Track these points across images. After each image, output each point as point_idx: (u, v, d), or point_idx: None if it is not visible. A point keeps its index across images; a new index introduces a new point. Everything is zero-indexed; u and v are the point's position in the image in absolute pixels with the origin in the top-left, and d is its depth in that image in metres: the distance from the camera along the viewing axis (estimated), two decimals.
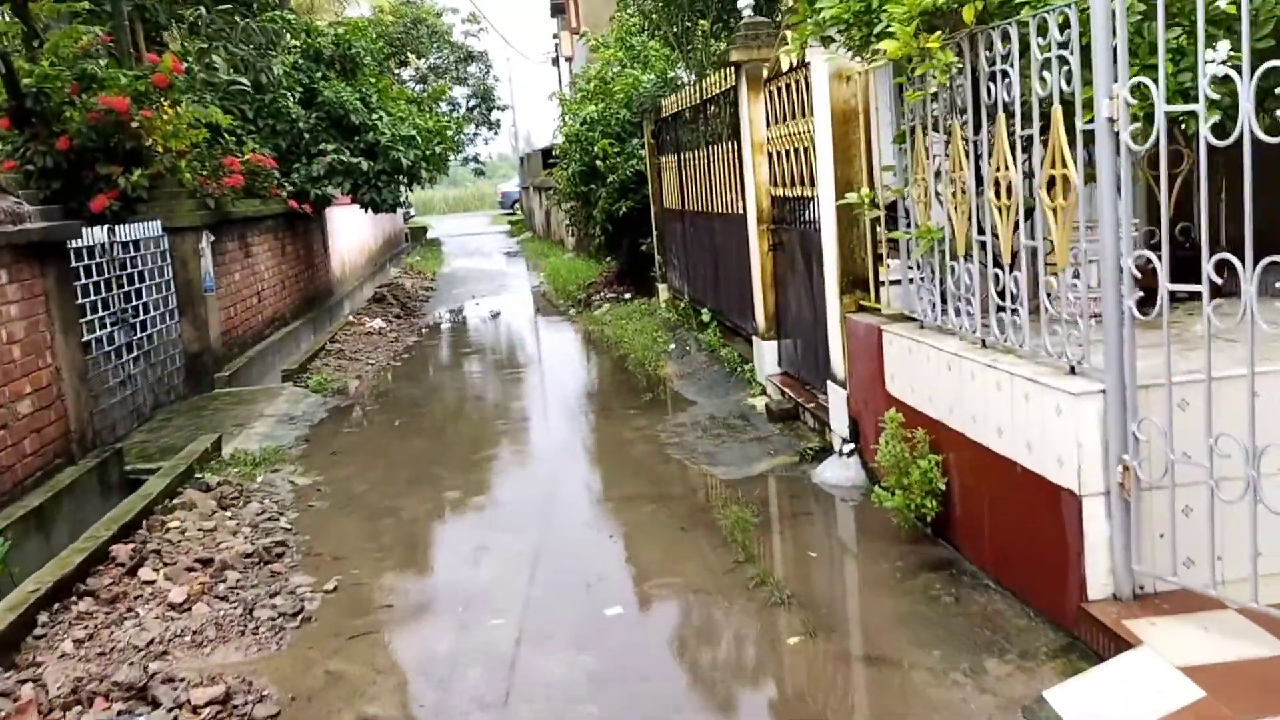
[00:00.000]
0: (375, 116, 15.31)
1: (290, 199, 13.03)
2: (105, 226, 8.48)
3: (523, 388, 10.11)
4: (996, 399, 4.15)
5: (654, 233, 13.39)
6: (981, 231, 4.45)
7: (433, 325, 15.19)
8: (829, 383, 6.33)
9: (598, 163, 13.99)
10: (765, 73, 7.63)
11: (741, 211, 8.69)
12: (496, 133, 39.18)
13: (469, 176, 71.04)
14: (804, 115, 6.80)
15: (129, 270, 8.83)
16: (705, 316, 10.60)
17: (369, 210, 15.48)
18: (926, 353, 4.79)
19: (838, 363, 6.16)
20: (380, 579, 5.02)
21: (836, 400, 6.19)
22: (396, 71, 28.44)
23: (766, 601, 4.35)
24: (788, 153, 7.28)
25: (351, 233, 19.20)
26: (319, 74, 15.35)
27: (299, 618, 4.56)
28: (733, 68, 8.29)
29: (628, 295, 15.67)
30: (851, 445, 5.93)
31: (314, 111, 14.94)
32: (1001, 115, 4.12)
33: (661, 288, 13.29)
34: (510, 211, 49.04)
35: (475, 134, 37.10)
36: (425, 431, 8.25)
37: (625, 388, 9.30)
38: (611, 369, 10.33)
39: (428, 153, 15.84)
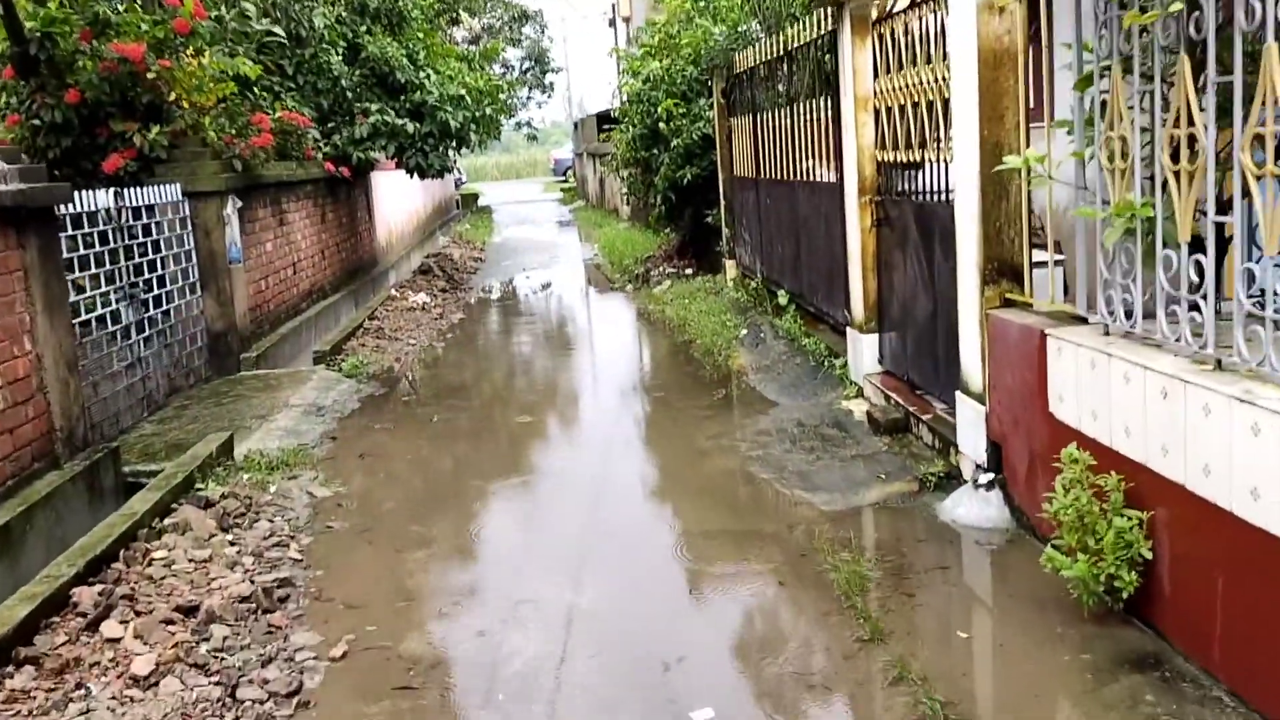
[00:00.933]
0: (423, 75, 14.24)
1: (329, 162, 12.04)
2: (111, 190, 7.51)
3: (575, 380, 9.01)
4: (1251, 448, 2.95)
5: (721, 203, 12.18)
6: (1222, 209, 3.22)
7: (480, 300, 14.16)
8: (958, 393, 5.14)
9: (661, 125, 12.78)
10: (874, 12, 6.38)
11: (835, 180, 7.47)
12: (550, 96, 38.00)
13: (521, 143, 70.04)
14: (929, 62, 5.56)
15: (141, 239, 7.87)
16: (782, 299, 9.41)
17: (415, 175, 14.46)
18: (1122, 371, 3.59)
19: (971, 369, 4.96)
20: (402, 642, 3.96)
21: (969, 416, 5.00)
22: (448, 31, 27.36)
23: (911, 710, 3.21)
24: (902, 108, 6.05)
25: (398, 199, 18.22)
26: (363, 28, 14.30)
27: (294, 700, 3.53)
28: (831, 8, 7.04)
29: (689, 271, 14.50)
30: (990, 476, 4.74)
31: (357, 69, 13.91)
32: (1274, 46, 2.89)
33: (729, 264, 12.09)
34: (563, 179, 47.96)
35: (528, 98, 35.94)
36: (465, 433, 7.19)
37: (694, 382, 8.16)
38: (676, 358, 9.19)
39: (478, 114, 14.73)
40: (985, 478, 4.76)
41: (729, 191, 11.97)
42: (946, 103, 5.28)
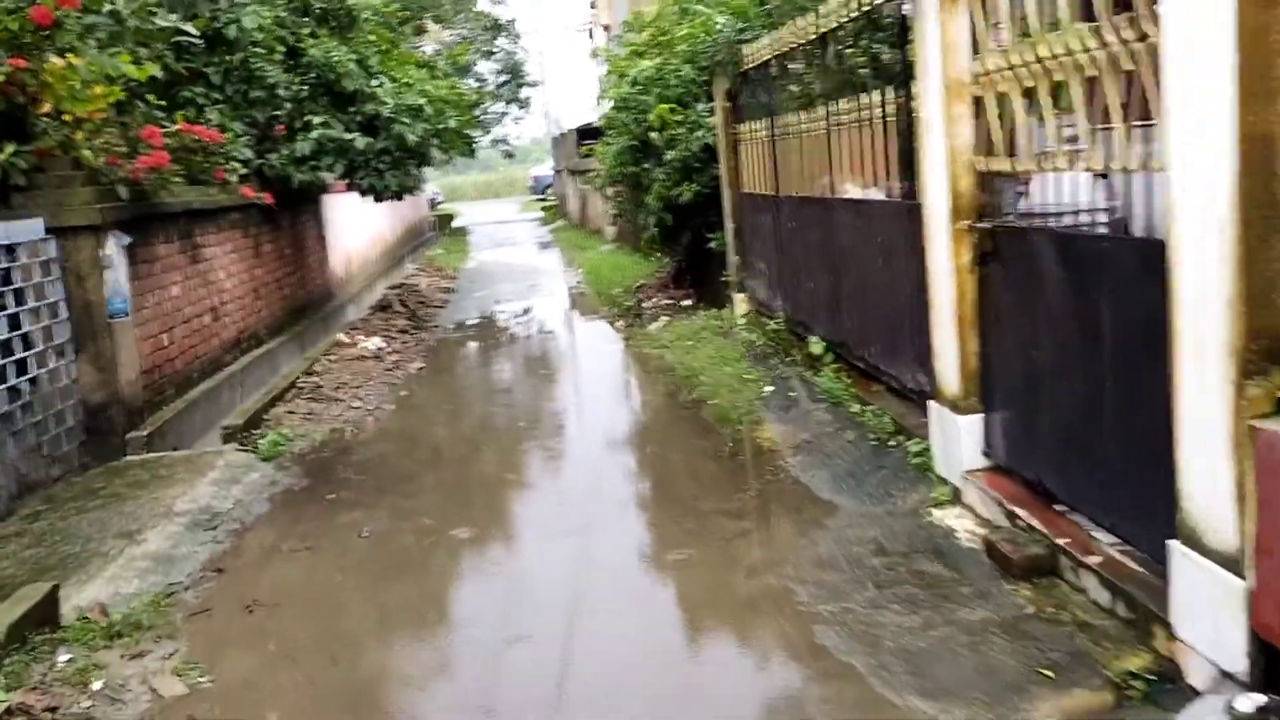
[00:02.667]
0: (375, 83, 12.28)
1: (246, 187, 10.03)
2: None
3: (555, 462, 6.95)
4: None
5: (727, 225, 10.25)
6: None
7: (445, 342, 12.13)
8: (1176, 548, 3.18)
9: (652, 135, 10.86)
10: None
11: (902, 198, 5.56)
12: (527, 112, 36.06)
13: (499, 161, 68.08)
14: (1087, 19, 3.64)
15: None
16: (816, 347, 7.47)
17: (370, 198, 12.48)
18: None
19: (1211, 512, 3.01)
20: None
21: (1206, 587, 3.04)
22: (413, 41, 25.44)
23: None
24: (1030, 92, 4.12)
25: (359, 224, 16.22)
26: (306, 30, 12.32)
27: None
28: None
29: (686, 303, 12.55)
30: (1262, 701, 2.80)
31: (299, 76, 11.95)
32: None
33: (738, 298, 10.15)
34: (542, 197, 46.03)
35: (504, 113, 34.01)
36: (400, 559, 5.14)
37: (715, 468, 6.15)
38: (687, 428, 7.17)
39: (440, 127, 12.75)
40: (1249, 702, 2.82)
41: (737, 212, 10.04)
42: (1130, 76, 3.36)
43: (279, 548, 5.39)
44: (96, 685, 3.83)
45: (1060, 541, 3.93)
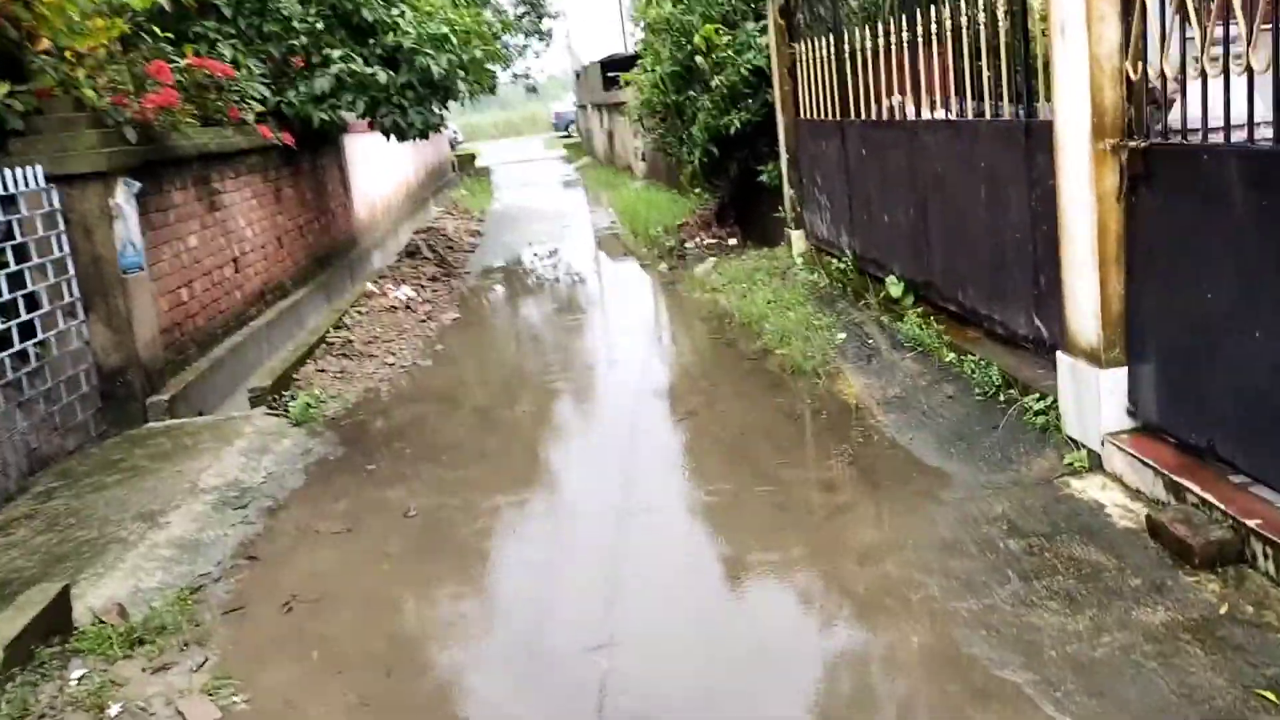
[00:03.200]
0: (395, 12, 11.47)
1: (263, 125, 9.36)
2: None
3: (618, 428, 6.12)
4: None
5: (782, 156, 9.46)
6: None
7: (477, 290, 11.47)
8: None
9: (697, 59, 10.03)
10: None
11: (1016, 117, 4.81)
12: (548, 45, 34.92)
13: (519, 98, 66.55)
14: None
15: None
16: (894, 289, 6.76)
17: (392, 138, 11.75)
18: None
19: None
20: None
21: None
22: None
23: None
24: None
25: (382, 165, 15.51)
26: None
27: None
28: None
29: (732, 241, 11.83)
30: None
31: (314, 6, 11.18)
32: None
33: (795, 235, 9.40)
34: (565, 134, 45.02)
35: (525, 46, 32.92)
36: (458, 547, 4.49)
37: (794, 428, 5.51)
38: (756, 382, 6.49)
39: (466, 58, 11.94)
40: None
41: (793, 141, 9.24)
42: None
43: (316, 529, 4.81)
44: (114, 710, 3.28)
45: (1251, 523, 3.27)
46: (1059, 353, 4.48)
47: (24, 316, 5.77)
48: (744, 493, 4.67)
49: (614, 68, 28.94)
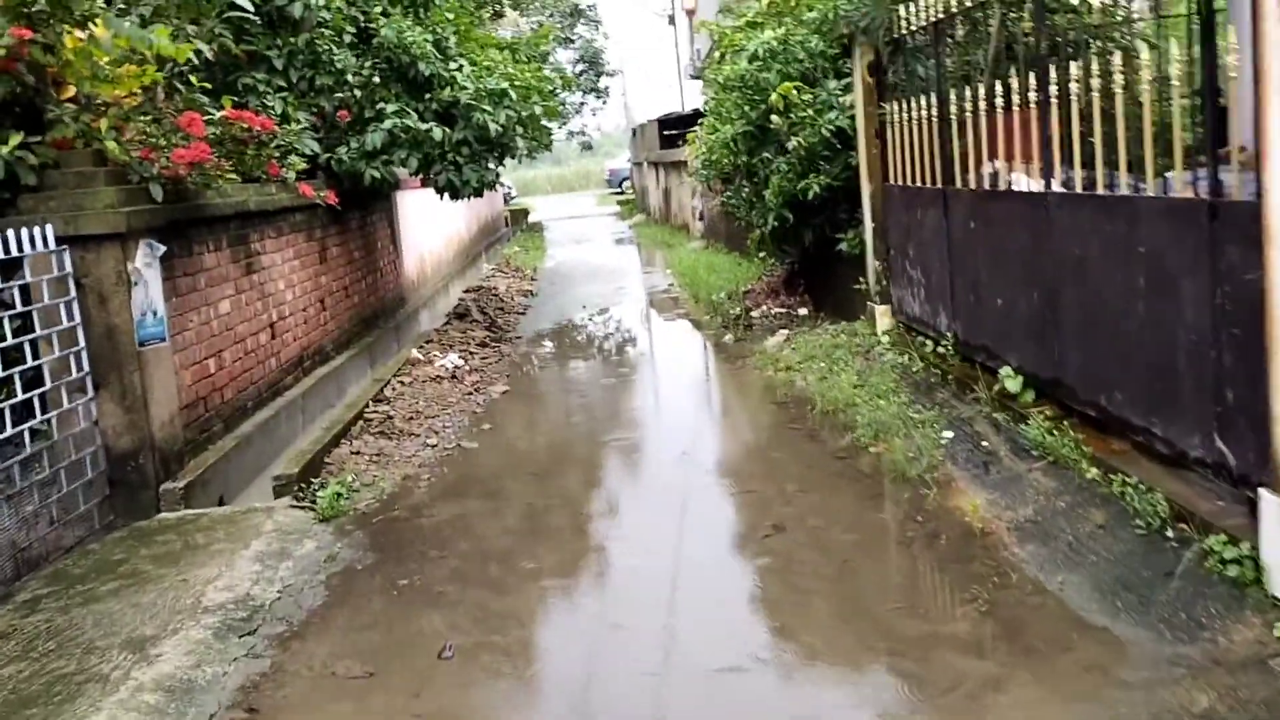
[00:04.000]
0: (453, 66, 10.95)
1: (323, 182, 8.82)
2: None
3: (694, 545, 5.13)
4: None
5: (867, 224, 8.64)
6: None
7: (528, 358, 10.72)
8: None
9: (773, 119, 9.29)
10: None
11: (1206, 193, 3.94)
12: (605, 102, 34.70)
13: (572, 154, 66.81)
14: None
15: None
16: (1011, 383, 5.85)
17: (446, 196, 11.16)
18: None
19: None
20: None
21: None
22: (492, 28, 24.13)
23: None
24: None
25: (434, 221, 14.97)
26: (377, 8, 11.03)
27: None
28: None
29: (802, 312, 10.99)
30: None
31: (370, 60, 10.71)
32: None
33: (879, 311, 8.54)
34: (619, 191, 44.72)
35: (582, 103, 32.67)
36: (505, 712, 3.69)
37: (908, 558, 4.58)
38: (850, 489, 5.57)
39: (524, 115, 11.34)
40: None
41: (880, 208, 8.43)
42: None
43: (333, 670, 3.99)
44: None
45: None
46: (1263, 490, 3.55)
47: (21, 395, 5.10)
48: (861, 656, 3.75)
49: (672, 126, 28.56)
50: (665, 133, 28.39)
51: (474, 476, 6.53)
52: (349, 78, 10.32)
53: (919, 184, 7.44)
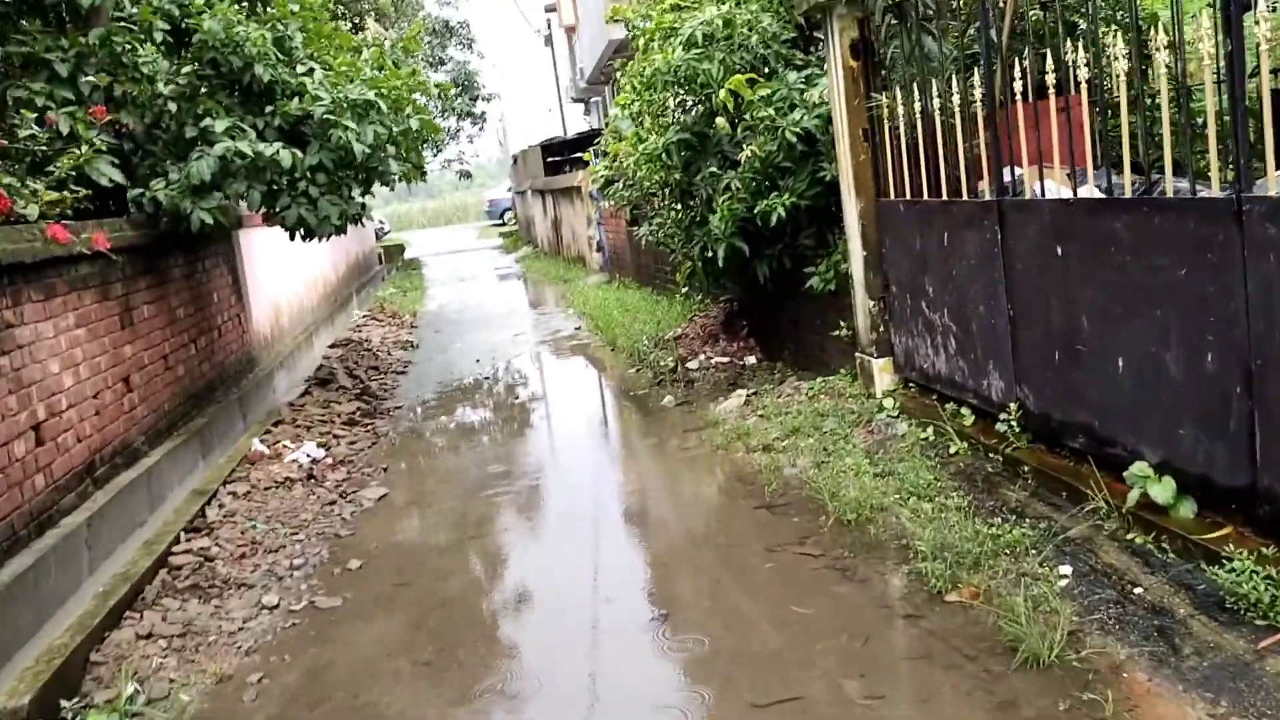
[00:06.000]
0: (302, 71, 8.61)
1: (132, 223, 6.38)
2: None
3: None
4: None
5: (855, 252, 6.64)
6: None
7: (412, 440, 8.28)
8: None
9: (718, 122, 7.26)
10: None
11: None
12: (482, 129, 32.30)
13: (448, 186, 63.87)
14: None
15: None
16: (1158, 490, 3.89)
17: (297, 237, 8.78)
18: None
19: None
20: None
21: None
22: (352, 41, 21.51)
23: None
24: None
25: (291, 262, 12.40)
26: None
27: None
28: None
29: (749, 360, 8.96)
30: None
31: (189, 63, 8.28)
32: None
33: (877, 365, 6.52)
34: (500, 222, 42.32)
35: (458, 129, 30.25)
36: None
37: None
38: (946, 675, 3.41)
39: (396, 130, 9.04)
40: None
41: (874, 232, 6.43)
42: None
43: None
44: None
45: None
46: None
47: None
48: None
49: (557, 151, 26.48)
50: (550, 159, 26.35)
51: (331, 672, 4.14)
52: (160, 85, 7.88)
53: (943, 198, 5.47)
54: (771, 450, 6.20)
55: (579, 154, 23.72)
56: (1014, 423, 4.88)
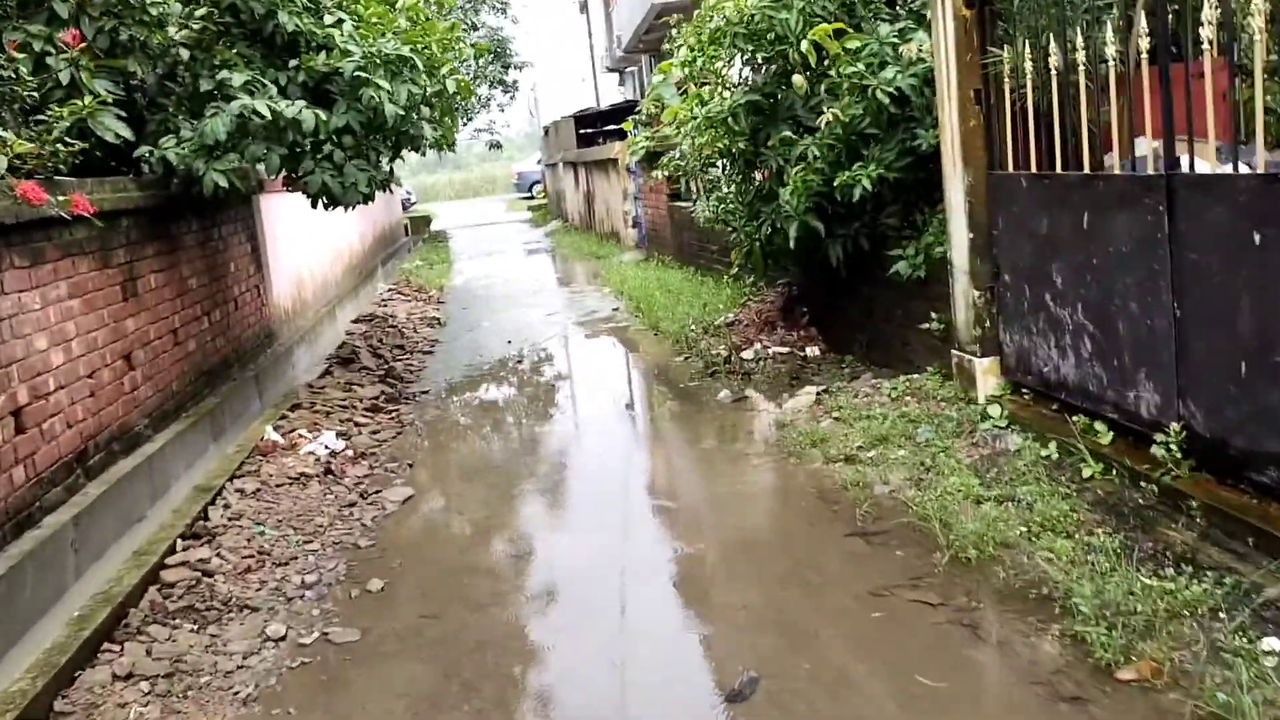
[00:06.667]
0: (330, 22, 7.81)
1: (144, 185, 5.60)
2: None
3: None
4: None
5: (956, 234, 5.77)
6: None
7: (439, 428, 7.51)
8: None
9: (795, 80, 6.39)
10: None
11: None
12: (514, 97, 31.34)
13: (475, 157, 62.78)
14: None
15: None
16: None
17: (320, 205, 8.03)
18: None
19: None
20: None
21: None
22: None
23: None
24: None
25: (316, 231, 11.63)
26: None
27: None
28: None
29: (810, 351, 8.13)
30: None
31: (203, 5, 7.48)
32: None
33: (980, 366, 5.66)
34: (529, 195, 41.46)
35: (489, 97, 29.34)
36: None
37: None
38: None
39: (431, 92, 8.24)
40: None
41: (983, 210, 5.55)
42: None
43: None
44: None
45: None
46: None
47: None
48: None
49: (590, 123, 25.58)
50: (583, 130, 25.49)
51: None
52: (172, 31, 7.10)
53: (1084, 171, 4.60)
54: (856, 462, 5.36)
55: (614, 125, 22.87)
56: (1174, 446, 4.02)
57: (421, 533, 5.26)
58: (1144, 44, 3.89)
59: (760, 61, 6.94)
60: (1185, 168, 4.02)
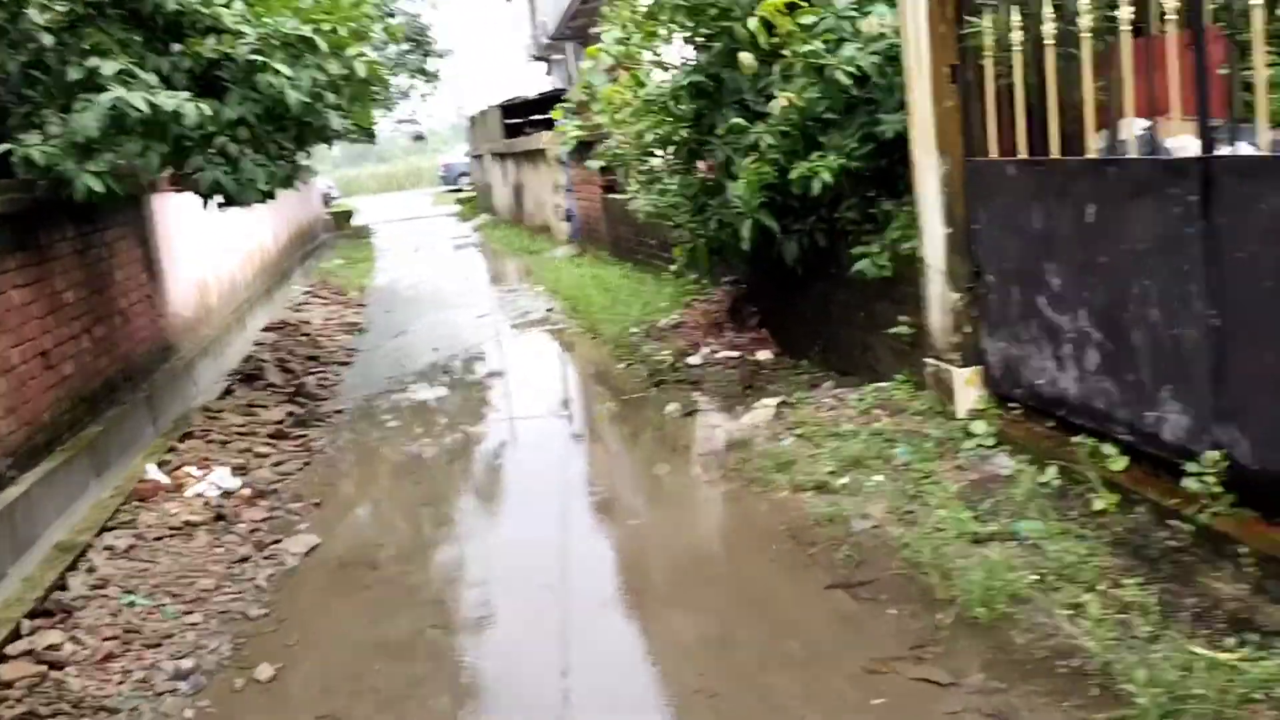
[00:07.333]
0: (219, 1, 6.91)
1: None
2: None
3: None
4: None
5: (933, 228, 5.12)
6: None
7: (357, 457, 6.69)
8: None
9: (742, 58, 5.71)
10: None
11: None
12: (436, 87, 30.16)
13: (398, 149, 60.99)
14: None
15: None
16: None
17: (211, 204, 7.16)
18: None
19: None
20: None
21: None
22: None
23: None
24: None
25: (220, 231, 10.62)
26: None
27: None
28: None
29: (762, 355, 7.48)
30: None
31: None
32: None
33: (960, 376, 5.03)
34: (456, 188, 40.25)
35: (410, 87, 28.16)
36: None
37: None
38: None
39: (340, 76, 7.38)
40: None
41: (961, 203, 4.92)
42: None
43: None
44: None
45: None
46: None
47: None
48: None
49: (518, 112, 24.64)
50: (510, 120, 24.51)
51: None
52: (33, 13, 6.17)
53: (1087, 155, 3.98)
54: (828, 490, 4.70)
55: (543, 115, 21.98)
56: (1211, 478, 3.43)
57: (326, 594, 4.46)
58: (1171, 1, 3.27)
59: (703, 39, 6.24)
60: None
